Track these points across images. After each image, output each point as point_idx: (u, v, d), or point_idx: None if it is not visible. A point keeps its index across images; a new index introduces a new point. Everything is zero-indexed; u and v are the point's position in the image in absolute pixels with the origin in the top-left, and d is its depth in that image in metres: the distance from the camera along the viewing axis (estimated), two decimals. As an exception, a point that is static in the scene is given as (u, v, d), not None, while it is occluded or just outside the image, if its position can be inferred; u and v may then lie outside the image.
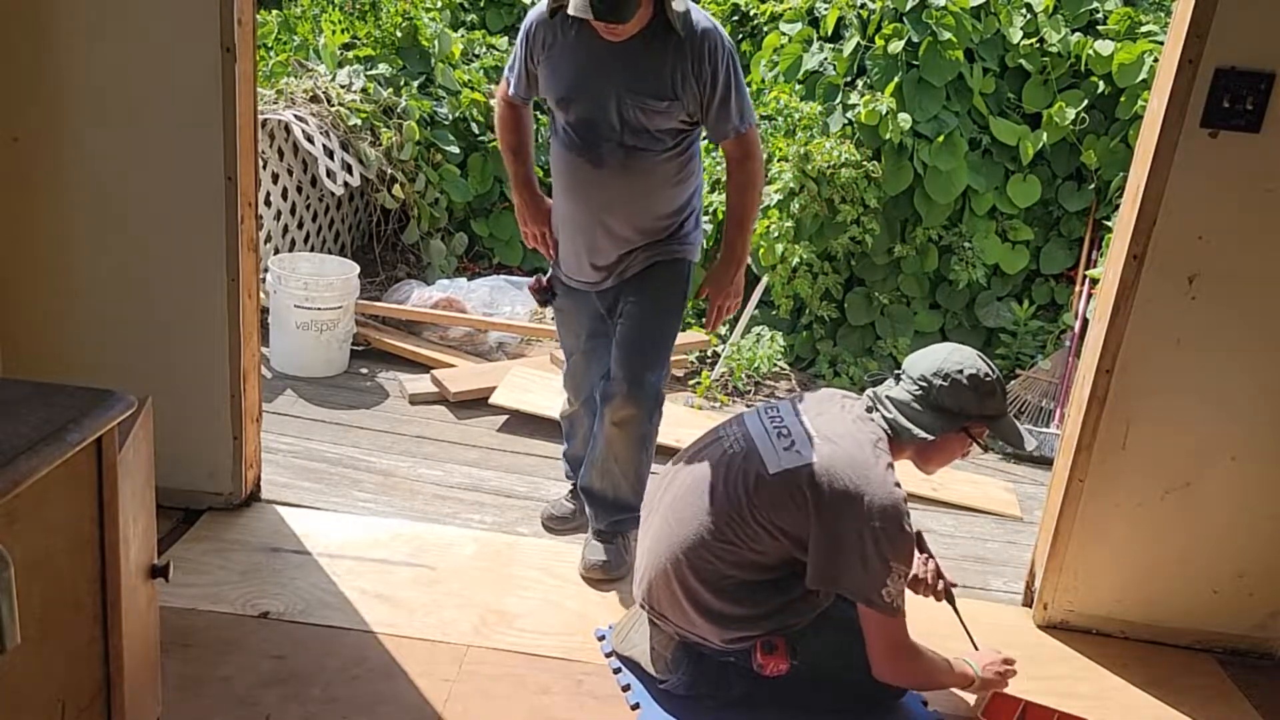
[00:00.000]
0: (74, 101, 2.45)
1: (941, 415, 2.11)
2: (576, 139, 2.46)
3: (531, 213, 2.68)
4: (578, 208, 2.54)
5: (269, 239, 4.41)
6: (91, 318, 2.61)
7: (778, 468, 2.05)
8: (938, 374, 2.11)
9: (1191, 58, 2.24)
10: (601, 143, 2.43)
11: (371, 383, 3.97)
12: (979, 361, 2.14)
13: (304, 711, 2.07)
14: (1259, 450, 2.48)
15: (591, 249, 2.56)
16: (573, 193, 2.53)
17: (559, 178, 2.55)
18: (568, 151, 2.49)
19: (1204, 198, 2.33)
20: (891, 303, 4.79)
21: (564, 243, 2.63)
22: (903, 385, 2.16)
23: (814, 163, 4.46)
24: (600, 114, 2.41)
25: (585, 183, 2.49)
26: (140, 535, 1.52)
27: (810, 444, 2.06)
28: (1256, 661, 2.63)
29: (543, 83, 2.51)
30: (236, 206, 2.52)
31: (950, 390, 2.10)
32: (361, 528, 2.79)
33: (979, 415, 2.13)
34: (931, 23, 4.58)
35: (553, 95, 2.48)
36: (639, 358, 2.56)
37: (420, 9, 5.48)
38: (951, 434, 2.13)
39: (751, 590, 2.10)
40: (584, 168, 2.47)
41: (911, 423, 2.11)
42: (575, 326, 2.74)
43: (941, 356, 2.14)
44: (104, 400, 1.32)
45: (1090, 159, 4.71)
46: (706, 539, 2.09)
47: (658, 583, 2.17)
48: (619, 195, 2.49)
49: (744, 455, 2.11)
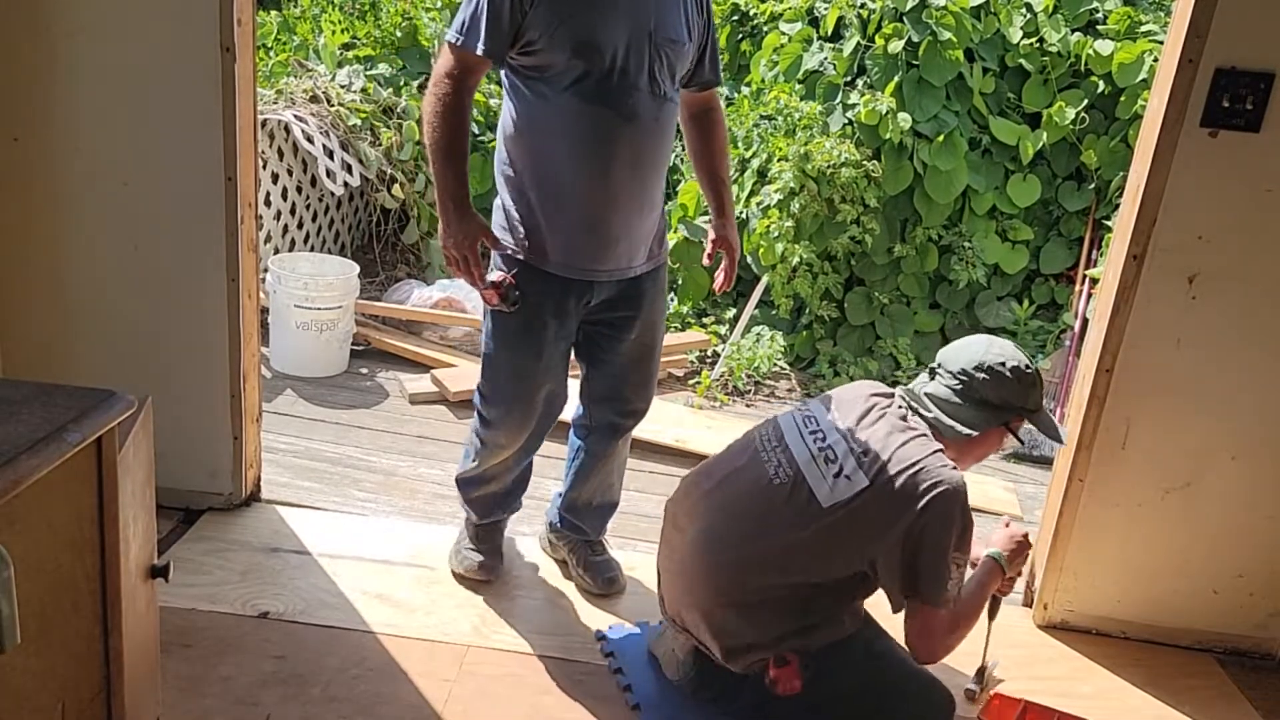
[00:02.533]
0: (74, 101, 2.45)
1: (984, 409, 2.06)
2: (601, 90, 2.11)
3: (472, 229, 2.19)
4: (601, 174, 2.17)
5: (269, 239, 4.41)
6: (91, 318, 2.61)
7: (831, 500, 1.96)
8: (979, 367, 2.06)
9: (1191, 57, 2.24)
10: (632, 92, 2.13)
11: (371, 383, 3.97)
12: (1019, 353, 2.10)
13: (304, 711, 2.07)
14: (1259, 450, 2.48)
15: (624, 225, 2.23)
16: (594, 157, 2.15)
17: (563, 143, 2.16)
18: (589, 106, 2.11)
19: (1204, 198, 2.33)
20: (891, 302, 4.78)
21: (593, 228, 2.22)
22: (940, 380, 2.09)
23: (814, 162, 4.46)
24: (633, 58, 2.11)
25: (613, 141, 2.14)
26: (140, 535, 1.52)
27: (859, 467, 1.97)
28: (1256, 661, 2.63)
29: (544, 29, 2.08)
30: (236, 207, 2.52)
31: (993, 383, 2.05)
32: (361, 528, 2.79)
33: (1021, 408, 2.09)
34: (931, 22, 4.58)
35: (568, 40, 2.08)
36: (653, 379, 2.49)
37: (420, 9, 5.48)
38: (993, 429, 2.09)
39: (778, 614, 2.03)
40: (612, 123, 2.13)
41: (954, 419, 2.05)
42: (540, 337, 2.28)
43: (982, 349, 2.09)
44: (104, 400, 1.31)
45: (1090, 159, 4.71)
46: (749, 570, 2.02)
47: (685, 606, 2.12)
48: (651, 154, 2.21)
49: (791, 486, 2.00)
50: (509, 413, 2.37)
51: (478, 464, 2.49)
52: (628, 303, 2.34)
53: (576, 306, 2.29)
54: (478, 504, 2.56)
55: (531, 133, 2.18)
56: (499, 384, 2.36)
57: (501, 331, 2.31)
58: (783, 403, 4.37)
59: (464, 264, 2.21)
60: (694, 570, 2.10)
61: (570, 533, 2.63)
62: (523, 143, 2.20)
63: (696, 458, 3.25)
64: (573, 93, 2.12)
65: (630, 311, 2.35)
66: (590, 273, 2.25)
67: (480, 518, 2.58)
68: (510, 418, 2.38)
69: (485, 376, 2.39)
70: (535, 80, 2.14)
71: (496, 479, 2.51)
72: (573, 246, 2.22)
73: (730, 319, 4.83)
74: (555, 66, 2.11)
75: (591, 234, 2.21)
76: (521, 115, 2.18)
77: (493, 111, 5.34)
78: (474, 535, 2.60)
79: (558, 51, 2.09)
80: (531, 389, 2.34)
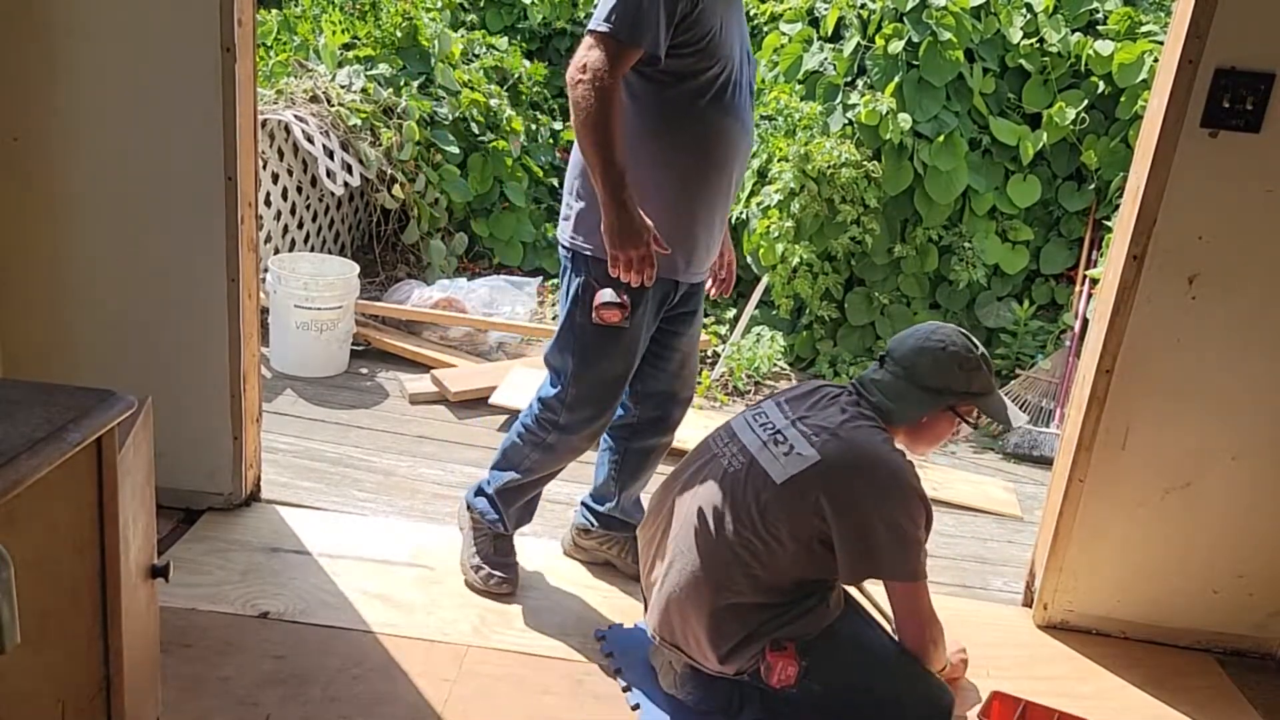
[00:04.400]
0: (74, 101, 2.45)
1: (927, 394, 2.09)
2: (731, 101, 2.11)
3: (646, 225, 2.07)
4: (722, 183, 2.19)
5: (269, 239, 4.41)
6: (91, 318, 2.61)
7: (783, 476, 2.00)
8: (920, 352, 2.10)
9: (1191, 58, 2.24)
10: (744, 101, 2.14)
11: (371, 383, 3.97)
12: (960, 338, 2.12)
13: (304, 711, 2.07)
14: (1259, 450, 2.49)
15: (721, 228, 2.28)
16: (721, 166, 2.16)
17: (701, 152, 2.14)
18: (723, 117, 2.12)
19: (1204, 198, 2.33)
20: (891, 303, 4.78)
21: (694, 233, 2.22)
22: (886, 368, 2.14)
23: (814, 163, 4.46)
24: (741, 67, 2.14)
25: (734, 151, 2.15)
26: (140, 535, 1.52)
27: (809, 443, 2.03)
28: (1256, 661, 2.63)
29: (703, 31, 2.02)
30: (236, 206, 2.52)
31: (933, 368, 2.08)
32: (361, 528, 2.79)
33: (965, 392, 2.11)
34: (931, 23, 4.58)
35: (718, 46, 2.05)
36: (696, 370, 2.51)
37: (420, 9, 5.48)
38: (939, 413, 2.12)
39: (759, 612, 2.05)
40: (735, 133, 2.13)
41: (897, 404, 2.09)
42: (638, 344, 2.29)
43: (924, 335, 2.13)
44: (104, 400, 1.31)
45: (1090, 159, 4.70)
46: (721, 565, 2.04)
47: (675, 619, 2.12)
48: (746, 164, 2.24)
49: (746, 471, 2.05)
50: (597, 417, 2.35)
51: (534, 474, 2.44)
52: (690, 300, 2.39)
53: (662, 311, 2.33)
54: (514, 515, 2.52)
55: (668, 135, 2.12)
56: (592, 390, 2.31)
57: (606, 344, 2.25)
58: (783, 403, 4.36)
59: (641, 263, 2.08)
60: (677, 587, 2.10)
61: (619, 531, 2.65)
62: (655, 146, 2.12)
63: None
64: (708, 101, 2.09)
65: (690, 309, 2.41)
66: (692, 275, 2.30)
67: (512, 528, 2.54)
68: (597, 422, 2.36)
69: (575, 388, 2.31)
70: (667, 85, 2.09)
71: (538, 486, 2.51)
72: (695, 255, 2.26)
73: (730, 319, 4.83)
74: (702, 72, 2.07)
75: (703, 240, 2.25)
76: (652, 117, 2.11)
77: (492, 112, 5.35)
78: (495, 548, 2.54)
79: (705, 57, 2.05)
80: (619, 393, 2.36)
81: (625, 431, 2.53)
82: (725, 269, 2.51)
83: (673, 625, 2.13)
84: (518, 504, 2.52)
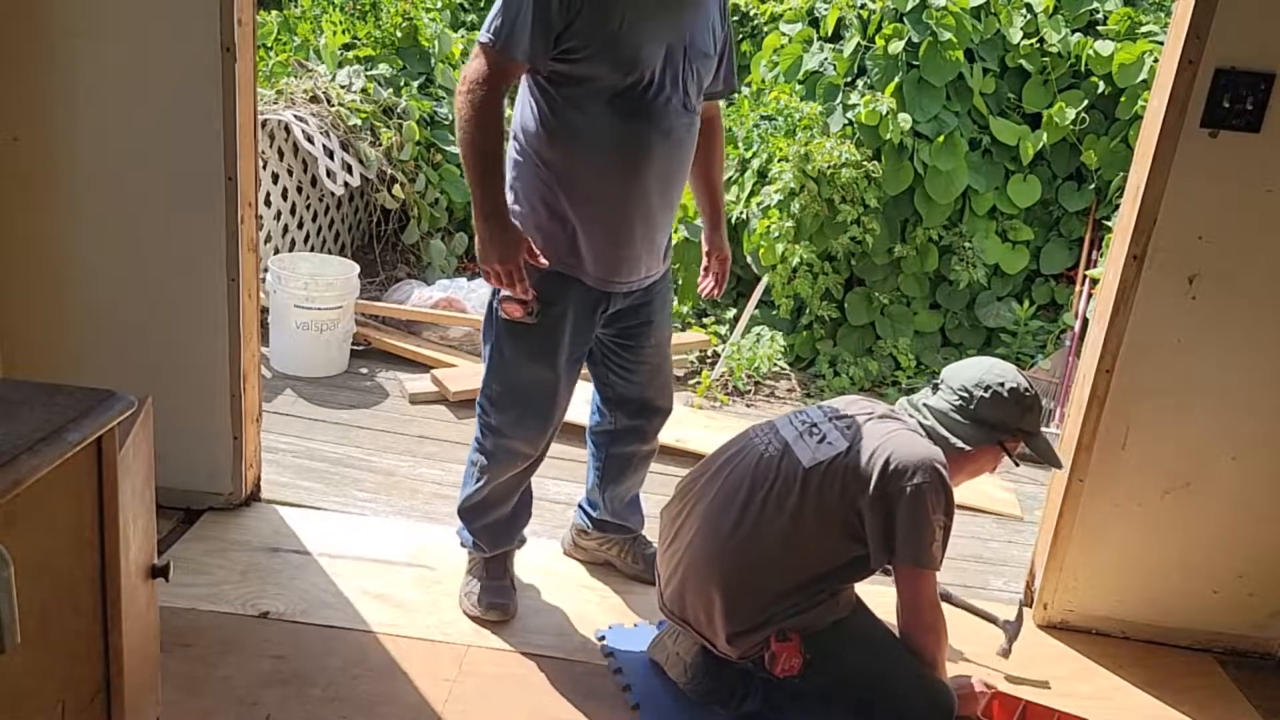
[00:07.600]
0: (74, 101, 2.45)
1: (980, 427, 2.13)
2: (639, 104, 2.06)
3: (516, 240, 2.08)
4: (634, 191, 2.13)
5: (269, 239, 4.41)
6: (91, 318, 2.61)
7: (813, 461, 2.07)
8: (979, 385, 2.13)
9: (1191, 58, 2.24)
10: (667, 107, 2.09)
11: (371, 383, 3.97)
12: (1020, 377, 2.17)
13: (304, 711, 2.07)
14: (1259, 450, 2.49)
15: (648, 238, 2.21)
16: (629, 172, 2.11)
17: (599, 157, 2.09)
18: (626, 123, 2.06)
19: (1204, 198, 2.33)
20: (892, 303, 4.78)
21: (596, 239, 2.17)
22: (941, 395, 2.18)
23: (814, 163, 4.46)
24: (669, 72, 2.07)
25: (648, 156, 2.10)
26: (140, 535, 1.52)
27: (842, 434, 2.09)
28: (1257, 661, 2.63)
29: (587, 39, 1.98)
30: (236, 206, 2.52)
31: (991, 402, 2.12)
32: (362, 528, 2.79)
33: (1017, 429, 2.16)
34: (931, 23, 4.58)
35: (611, 52, 2.01)
36: (672, 380, 2.51)
37: (420, 9, 5.48)
38: (987, 446, 2.15)
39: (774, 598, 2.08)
40: (649, 138, 2.09)
41: (949, 432, 2.13)
42: (559, 347, 2.23)
43: (984, 369, 2.17)
44: (104, 400, 1.31)
45: (1090, 159, 4.71)
46: (744, 543, 2.07)
47: (690, 590, 2.14)
48: (679, 169, 2.19)
49: (780, 456, 2.12)
50: (525, 418, 2.29)
51: (483, 483, 2.36)
52: (640, 311, 2.34)
53: (596, 317, 2.27)
54: (485, 534, 2.44)
55: (564, 139, 2.09)
56: (513, 392, 2.28)
57: (518, 340, 2.23)
58: (783, 403, 4.37)
59: (509, 278, 2.08)
60: (699, 555, 2.13)
61: (617, 534, 2.66)
62: (555, 148, 2.11)
63: (696, 458, 3.24)
64: (610, 105, 2.05)
65: (643, 320, 2.36)
66: (613, 284, 2.22)
67: (491, 549, 2.46)
68: (529, 426, 2.30)
69: (496, 384, 2.29)
70: (567, 86, 2.06)
71: (501, 501, 2.41)
72: (603, 258, 2.18)
73: (730, 319, 4.83)
74: (596, 78, 2.03)
75: (620, 247, 2.18)
76: (551, 118, 2.09)
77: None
78: (485, 572, 2.47)
79: (599, 63, 2.02)
80: (549, 399, 2.29)
81: (605, 437, 2.54)
82: (719, 267, 2.51)
83: (685, 599, 2.16)
84: (481, 523, 2.43)
